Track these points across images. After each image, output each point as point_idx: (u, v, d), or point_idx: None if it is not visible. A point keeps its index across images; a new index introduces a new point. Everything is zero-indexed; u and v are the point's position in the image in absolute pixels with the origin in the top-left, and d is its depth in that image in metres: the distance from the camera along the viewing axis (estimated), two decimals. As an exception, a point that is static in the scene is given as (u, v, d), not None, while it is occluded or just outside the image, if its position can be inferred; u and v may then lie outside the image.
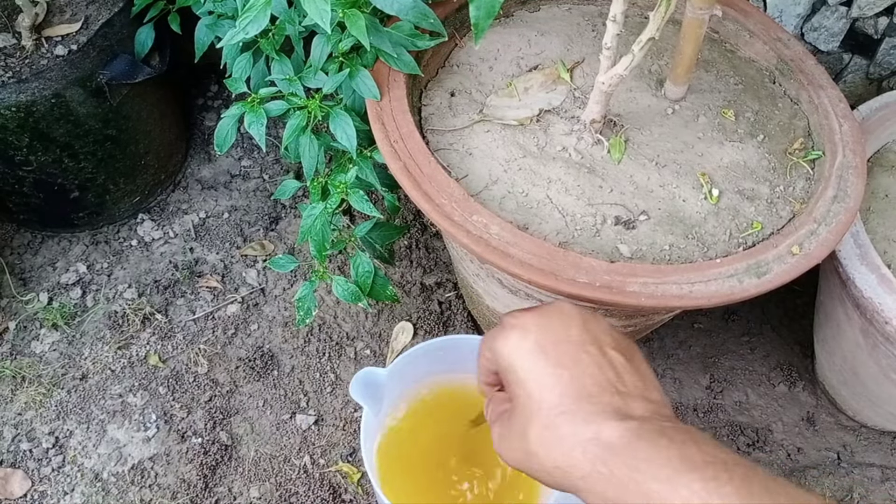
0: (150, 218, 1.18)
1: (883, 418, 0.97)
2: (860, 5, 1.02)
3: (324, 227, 0.79)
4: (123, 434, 0.98)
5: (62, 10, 0.98)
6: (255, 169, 1.25)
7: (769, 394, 1.04)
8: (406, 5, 0.69)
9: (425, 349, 0.50)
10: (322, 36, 0.74)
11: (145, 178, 1.15)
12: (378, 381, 0.50)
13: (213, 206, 1.20)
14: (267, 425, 1.00)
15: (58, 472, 0.95)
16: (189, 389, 1.02)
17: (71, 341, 1.06)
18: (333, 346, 1.07)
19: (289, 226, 1.19)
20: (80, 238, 1.15)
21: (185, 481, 0.95)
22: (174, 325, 1.08)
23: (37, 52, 0.94)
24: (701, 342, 1.08)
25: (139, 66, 1.00)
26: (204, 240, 1.17)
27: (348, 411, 1.02)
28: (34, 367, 1.03)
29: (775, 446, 1.00)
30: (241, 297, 1.11)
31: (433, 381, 0.55)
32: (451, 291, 1.11)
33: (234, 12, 0.85)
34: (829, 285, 0.91)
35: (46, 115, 0.94)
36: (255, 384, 1.03)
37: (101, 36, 0.96)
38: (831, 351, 0.96)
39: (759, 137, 0.79)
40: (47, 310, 1.07)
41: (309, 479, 0.96)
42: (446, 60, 0.85)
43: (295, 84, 0.78)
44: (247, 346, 1.06)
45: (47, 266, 1.12)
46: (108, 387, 1.02)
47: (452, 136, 0.78)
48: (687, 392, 1.04)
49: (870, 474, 0.98)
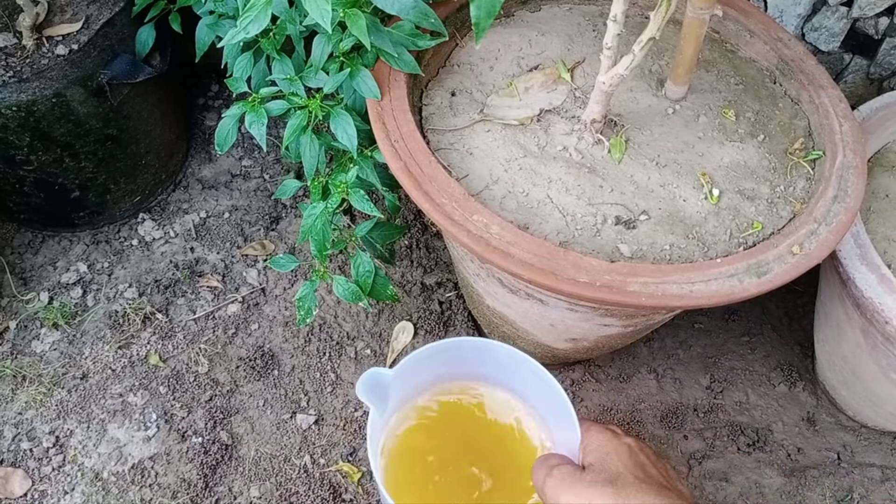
0: (150, 217, 1.18)
1: (883, 418, 0.97)
2: (861, 5, 1.02)
3: (324, 227, 0.79)
4: (124, 433, 0.98)
5: (63, 10, 0.98)
6: (255, 168, 1.25)
7: (769, 394, 1.04)
8: (407, 5, 0.69)
9: (430, 351, 0.51)
10: (323, 35, 0.74)
11: (146, 177, 1.15)
12: (384, 382, 0.50)
13: (214, 206, 1.20)
14: (267, 425, 1.00)
15: (58, 471, 0.95)
16: (189, 389, 1.02)
17: (71, 341, 1.06)
18: (334, 345, 1.07)
19: (289, 225, 1.19)
20: (80, 237, 1.15)
21: (185, 481, 0.95)
22: (175, 325, 1.08)
23: (38, 51, 0.94)
24: (701, 342, 1.08)
25: (140, 65, 1.00)
26: (204, 239, 1.17)
27: (349, 411, 1.02)
28: (35, 367, 1.03)
29: (775, 446, 1.00)
30: (242, 296, 1.11)
31: (439, 384, 0.56)
32: (452, 291, 1.11)
33: (234, 12, 0.85)
34: (829, 285, 0.91)
35: (47, 114, 0.94)
36: (256, 384, 1.03)
37: (102, 35, 0.96)
38: (831, 351, 0.96)
39: (759, 137, 0.79)
40: (48, 309, 1.07)
41: (309, 479, 0.96)
42: (447, 60, 0.85)
43: (296, 84, 0.78)
44: (247, 346, 1.06)
45: (48, 265, 1.12)
46: (108, 386, 1.02)
47: (453, 136, 0.78)
48: (687, 392, 1.04)
49: (870, 474, 0.98)
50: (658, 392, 1.04)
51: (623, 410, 1.02)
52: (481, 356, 0.54)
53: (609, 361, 1.07)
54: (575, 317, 0.79)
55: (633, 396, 1.03)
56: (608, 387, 1.04)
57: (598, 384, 1.04)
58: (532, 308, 0.81)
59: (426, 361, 0.51)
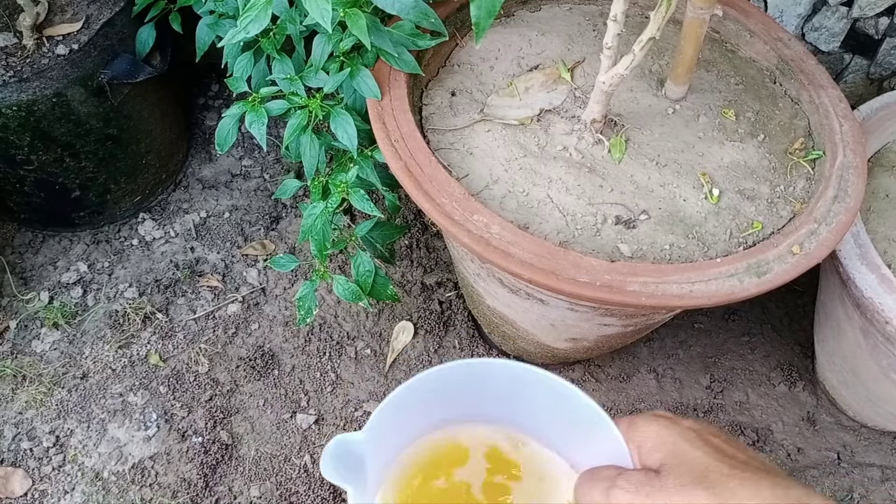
0: (151, 217, 1.18)
1: (883, 418, 0.97)
2: (861, 5, 1.02)
3: (324, 227, 0.79)
4: (124, 433, 0.98)
5: (63, 10, 0.98)
6: (255, 168, 1.25)
7: (769, 394, 1.04)
8: (407, 5, 0.69)
9: (404, 395, 0.40)
10: (323, 35, 0.74)
11: (146, 177, 1.15)
12: (355, 452, 0.40)
13: (214, 206, 1.20)
14: (267, 424, 1.00)
15: (58, 470, 0.95)
16: (190, 389, 1.02)
17: (72, 340, 1.06)
18: (334, 345, 1.07)
19: (290, 225, 1.19)
20: (80, 237, 1.15)
21: (185, 480, 0.95)
22: (175, 325, 1.08)
23: (38, 51, 0.94)
24: (701, 342, 1.08)
25: (140, 65, 1.00)
26: (205, 239, 1.17)
27: (349, 410, 1.02)
28: (35, 367, 1.03)
29: (776, 446, 1.00)
30: (242, 296, 1.11)
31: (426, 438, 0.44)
32: (452, 291, 1.11)
33: (234, 12, 0.85)
34: (829, 285, 0.91)
35: (48, 114, 0.94)
36: (256, 383, 1.03)
37: (103, 35, 0.96)
38: (831, 351, 0.96)
39: (759, 137, 0.79)
40: (48, 309, 1.07)
41: (309, 479, 0.96)
42: (447, 60, 0.85)
43: (296, 83, 0.78)
44: (247, 346, 1.06)
45: (48, 265, 1.13)
46: (108, 386, 1.02)
47: (453, 136, 0.78)
48: (687, 392, 1.04)
49: (870, 474, 0.98)
50: (658, 392, 1.04)
51: (623, 410, 1.02)
52: (471, 387, 0.42)
53: (609, 361, 1.07)
54: (575, 316, 0.79)
55: (634, 396, 1.03)
56: (608, 386, 1.04)
57: (598, 384, 1.04)
58: (532, 308, 0.81)
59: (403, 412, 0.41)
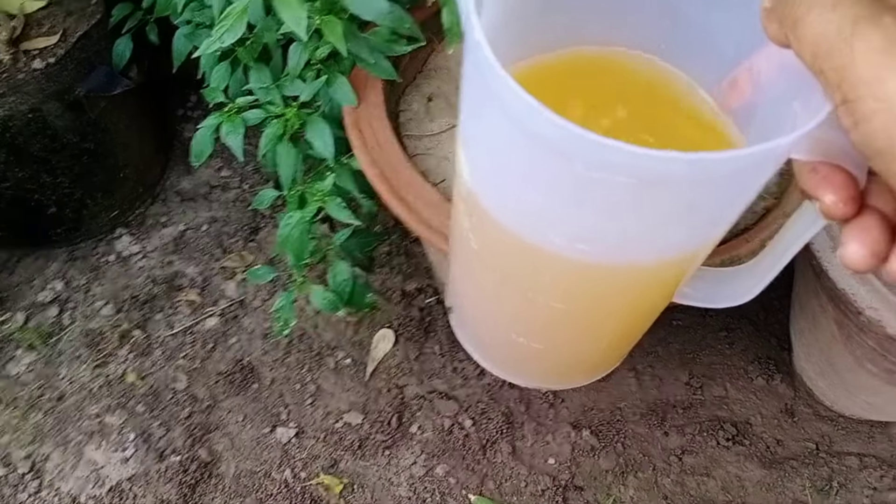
0: (128, 232, 1.17)
1: (859, 407, 0.99)
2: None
3: (302, 236, 0.79)
4: (101, 455, 0.96)
5: (40, 23, 0.97)
6: (235, 179, 1.24)
7: (748, 387, 1.06)
8: (382, 10, 0.69)
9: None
10: (299, 44, 0.75)
11: (123, 191, 1.14)
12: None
13: (193, 218, 1.19)
14: (247, 440, 0.99)
15: (34, 497, 0.93)
16: (167, 406, 1.01)
17: (48, 361, 1.04)
18: (314, 356, 1.06)
19: (268, 236, 1.18)
20: (57, 254, 1.14)
21: (164, 501, 0.93)
22: (152, 341, 1.06)
23: (14, 66, 0.93)
24: (679, 339, 1.09)
25: (117, 77, 0.99)
26: (183, 253, 1.16)
27: (329, 422, 1.01)
28: (10, 390, 1.01)
29: (755, 439, 1.01)
30: (221, 309, 1.10)
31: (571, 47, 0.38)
32: (432, 297, 1.12)
33: (212, 21, 0.85)
34: (804, 278, 0.93)
35: (23, 129, 0.93)
36: (235, 398, 1.02)
37: (79, 48, 0.95)
38: (808, 343, 0.98)
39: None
40: (24, 330, 1.05)
41: (290, 493, 0.95)
42: (424, 65, 0.86)
43: (272, 92, 0.78)
44: (226, 360, 1.05)
45: (24, 284, 1.11)
46: (85, 407, 1.00)
47: (430, 141, 0.79)
48: (667, 389, 1.05)
49: (848, 463, 1.00)
50: (638, 390, 1.05)
51: (604, 410, 1.03)
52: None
53: (591, 362, 1.08)
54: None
55: (614, 395, 1.04)
56: (588, 386, 1.04)
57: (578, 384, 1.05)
58: (513, 309, 0.81)
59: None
